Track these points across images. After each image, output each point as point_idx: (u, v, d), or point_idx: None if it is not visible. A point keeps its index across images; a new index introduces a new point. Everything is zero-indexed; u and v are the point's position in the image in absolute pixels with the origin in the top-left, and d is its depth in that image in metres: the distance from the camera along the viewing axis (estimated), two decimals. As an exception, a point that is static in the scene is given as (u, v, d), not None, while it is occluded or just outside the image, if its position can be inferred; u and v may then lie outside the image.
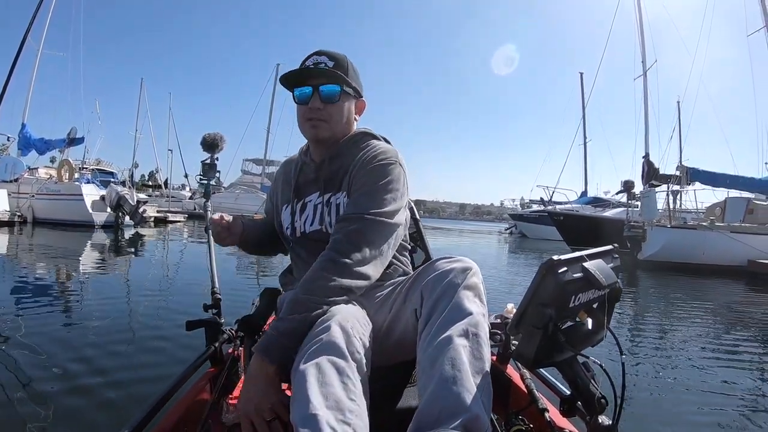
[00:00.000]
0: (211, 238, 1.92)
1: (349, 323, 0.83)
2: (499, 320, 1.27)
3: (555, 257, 0.74)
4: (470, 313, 0.80)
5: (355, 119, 1.14)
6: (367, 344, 0.84)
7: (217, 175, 2.07)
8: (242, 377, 1.32)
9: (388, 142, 1.15)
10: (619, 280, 0.81)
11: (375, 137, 1.14)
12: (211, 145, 1.97)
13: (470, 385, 0.72)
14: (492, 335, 1.25)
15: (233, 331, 1.38)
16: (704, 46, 21.44)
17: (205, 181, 2.08)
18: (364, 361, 0.81)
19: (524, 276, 8.29)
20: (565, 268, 0.75)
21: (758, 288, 8.29)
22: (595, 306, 0.82)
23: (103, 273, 6.48)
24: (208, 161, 2.02)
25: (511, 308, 1.31)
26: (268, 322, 1.27)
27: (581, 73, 27.32)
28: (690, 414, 2.24)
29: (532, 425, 1.02)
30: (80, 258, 7.75)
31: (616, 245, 0.89)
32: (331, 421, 0.68)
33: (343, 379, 0.74)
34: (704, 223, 11.56)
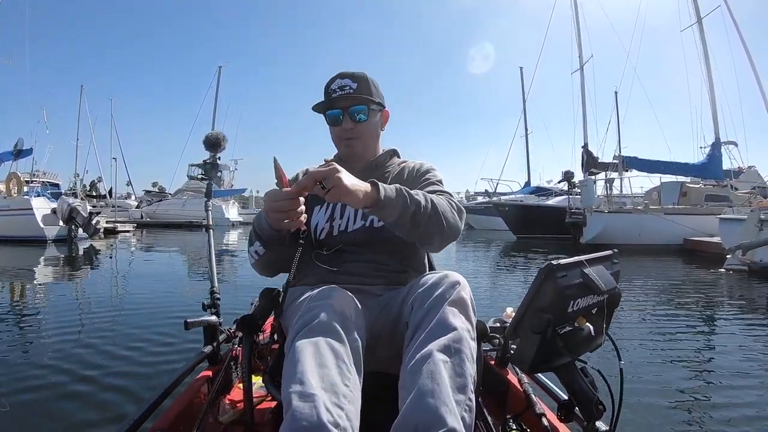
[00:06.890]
0: (212, 238, 1.92)
1: (347, 311, 0.84)
2: (497, 324, 1.27)
3: (554, 262, 0.74)
4: (454, 329, 0.80)
5: (382, 129, 1.24)
6: (363, 336, 0.85)
7: (219, 174, 2.08)
8: (240, 377, 1.32)
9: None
10: (618, 286, 0.81)
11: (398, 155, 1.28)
12: (213, 144, 1.97)
13: (449, 400, 0.71)
14: (490, 339, 1.25)
15: (232, 331, 1.38)
16: (638, 40, 22.79)
17: (207, 180, 2.09)
18: (360, 350, 0.82)
19: (475, 265, 8.63)
20: (564, 273, 0.74)
21: (693, 263, 8.79)
22: (594, 311, 0.81)
23: (75, 287, 6.15)
24: (210, 160, 2.02)
25: (510, 312, 1.31)
26: (267, 322, 1.27)
27: (521, 68, 27.53)
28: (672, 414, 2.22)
29: (528, 430, 1.02)
30: (47, 275, 7.15)
31: (616, 251, 0.88)
32: (327, 403, 0.69)
33: (338, 363, 0.75)
34: (639, 207, 12.22)
